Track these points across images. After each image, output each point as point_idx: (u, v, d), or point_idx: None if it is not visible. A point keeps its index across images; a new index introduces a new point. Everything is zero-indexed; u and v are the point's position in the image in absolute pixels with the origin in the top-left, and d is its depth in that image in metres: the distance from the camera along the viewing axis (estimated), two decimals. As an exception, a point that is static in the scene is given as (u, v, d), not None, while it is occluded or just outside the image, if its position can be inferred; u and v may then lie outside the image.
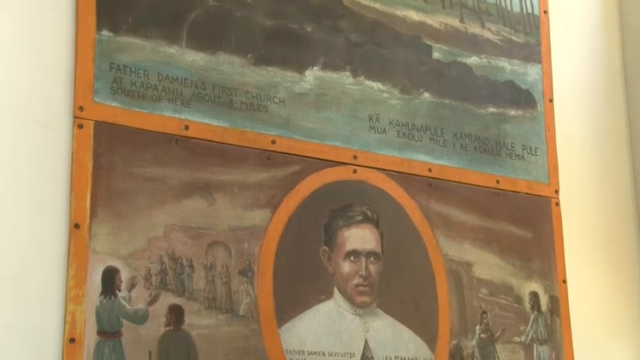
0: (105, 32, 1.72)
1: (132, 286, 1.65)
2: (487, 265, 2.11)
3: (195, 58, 1.81)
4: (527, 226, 2.19)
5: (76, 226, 1.62)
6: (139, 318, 1.65)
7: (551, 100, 2.31)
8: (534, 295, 2.17)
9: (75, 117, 1.66)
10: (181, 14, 1.81)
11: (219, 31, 1.85)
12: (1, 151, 1.60)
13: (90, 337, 1.59)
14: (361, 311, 1.91)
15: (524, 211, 2.20)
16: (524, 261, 2.17)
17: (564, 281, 2.22)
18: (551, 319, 2.18)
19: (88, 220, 1.63)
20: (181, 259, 1.72)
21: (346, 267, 1.91)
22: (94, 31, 1.70)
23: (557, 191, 2.27)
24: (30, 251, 1.59)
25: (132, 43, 1.74)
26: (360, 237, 1.94)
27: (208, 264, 1.75)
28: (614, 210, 2.42)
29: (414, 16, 2.14)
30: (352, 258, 1.92)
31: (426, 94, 2.12)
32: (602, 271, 2.35)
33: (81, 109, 1.67)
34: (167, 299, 1.68)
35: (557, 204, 2.26)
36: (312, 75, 1.96)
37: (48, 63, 1.66)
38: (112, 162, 1.68)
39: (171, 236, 1.72)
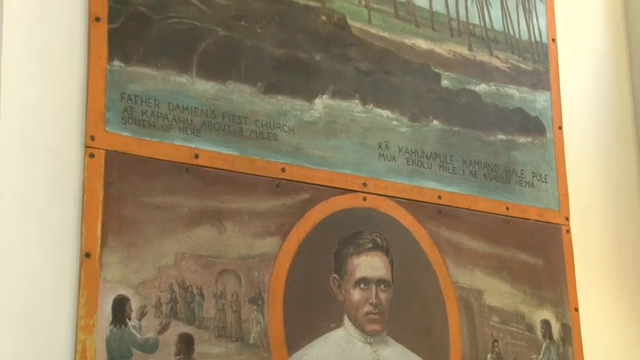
0: (116, 62, 1.73)
1: (142, 314, 1.65)
2: (498, 293, 2.10)
3: (205, 87, 1.83)
4: (538, 253, 2.18)
5: (87, 255, 1.63)
6: (149, 347, 1.65)
7: (560, 127, 2.32)
8: (546, 323, 2.15)
9: (86, 146, 1.68)
10: (192, 44, 1.83)
11: (229, 61, 1.87)
12: (13, 180, 1.61)
13: (100, 367, 1.59)
14: (372, 339, 1.91)
15: (535, 238, 2.19)
16: (536, 288, 2.16)
17: (576, 309, 2.21)
18: (563, 348, 2.16)
19: (98, 248, 1.64)
20: (191, 288, 1.72)
21: (356, 295, 1.91)
22: (105, 61, 1.72)
23: (567, 218, 2.26)
24: (41, 280, 1.59)
25: (143, 73, 1.76)
26: (370, 264, 1.94)
27: (218, 292, 1.75)
28: (625, 236, 2.41)
29: (422, 44, 2.15)
30: (362, 286, 1.92)
31: (435, 122, 2.12)
32: (614, 299, 2.33)
33: (92, 138, 1.68)
34: (177, 328, 1.68)
35: (568, 231, 2.25)
36: (322, 103, 1.97)
37: (60, 93, 1.68)
38: (123, 191, 1.68)
39: (182, 265, 1.72)
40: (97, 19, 1.73)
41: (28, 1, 1.68)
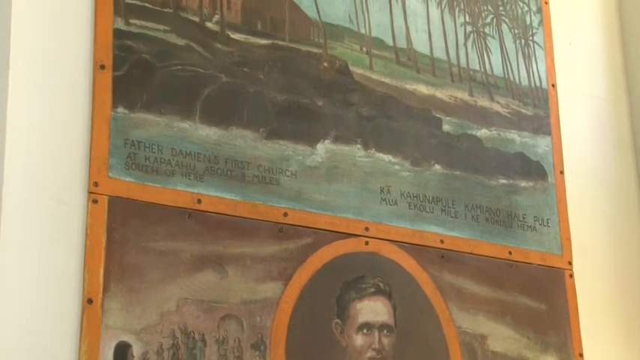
0: (120, 109, 1.75)
1: (144, 361, 1.65)
2: (501, 338, 2.08)
3: (208, 132, 1.84)
4: (541, 298, 2.17)
5: (89, 301, 1.63)
6: (151, 394, 1.64)
7: (561, 172, 2.32)
8: (550, 369, 2.14)
9: (90, 192, 1.69)
10: (195, 90, 1.85)
11: (232, 107, 1.89)
12: (16, 226, 1.61)
13: (101, 414, 1.58)
14: (375, 385, 1.89)
15: (538, 282, 2.18)
16: (539, 334, 2.14)
17: (581, 355, 2.19)
18: (568, 394, 2.14)
19: (101, 295, 1.63)
20: (193, 334, 1.71)
21: (359, 340, 1.90)
22: (109, 108, 1.74)
23: (570, 263, 2.26)
24: (42, 326, 1.59)
25: (146, 119, 1.78)
26: (372, 309, 1.93)
27: (220, 338, 1.74)
28: (628, 280, 2.40)
29: (423, 89, 2.17)
30: (365, 331, 1.91)
31: (437, 166, 2.13)
32: (618, 344, 2.32)
33: (96, 184, 1.69)
34: (179, 374, 1.68)
35: (571, 275, 2.24)
36: (324, 148, 1.99)
37: (64, 140, 1.69)
38: (126, 236, 1.69)
39: (184, 310, 1.71)
40: (102, 67, 1.75)
41: (35, 49, 1.70)
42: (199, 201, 1.79)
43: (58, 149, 1.68)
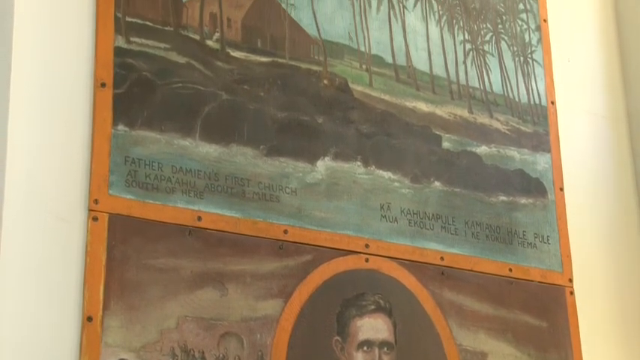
0: (121, 127, 1.76)
1: (143, 379, 1.64)
2: (502, 356, 2.08)
3: (208, 150, 1.85)
4: (542, 315, 2.17)
5: (89, 318, 1.62)
6: (150, 412, 1.63)
7: (561, 189, 2.33)
8: (551, 386, 2.13)
9: (90, 210, 1.69)
10: (195, 108, 1.85)
11: (232, 124, 1.89)
12: (16, 243, 1.61)
13: None
14: (375, 403, 1.89)
15: (539, 299, 2.18)
16: (540, 351, 2.13)
17: (581, 371, 2.18)
18: (569, 411, 2.13)
19: (100, 312, 1.63)
20: (193, 351, 1.71)
21: (359, 357, 1.89)
22: (110, 126, 1.74)
23: (571, 280, 2.25)
24: (42, 344, 1.58)
25: (147, 137, 1.78)
26: (372, 327, 1.93)
27: (220, 355, 1.73)
28: (629, 297, 2.39)
29: (423, 107, 2.18)
30: (365, 348, 1.90)
31: (437, 183, 2.13)
32: (619, 361, 2.31)
33: (96, 202, 1.70)
34: (178, 392, 1.67)
35: (572, 293, 2.24)
36: (324, 165, 1.99)
37: (65, 157, 1.70)
38: (126, 254, 1.69)
39: (184, 327, 1.71)
40: (103, 85, 1.76)
41: (36, 67, 1.71)
42: (199, 218, 1.79)
43: (58, 166, 1.68)
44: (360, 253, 1.97)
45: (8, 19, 1.70)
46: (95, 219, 1.68)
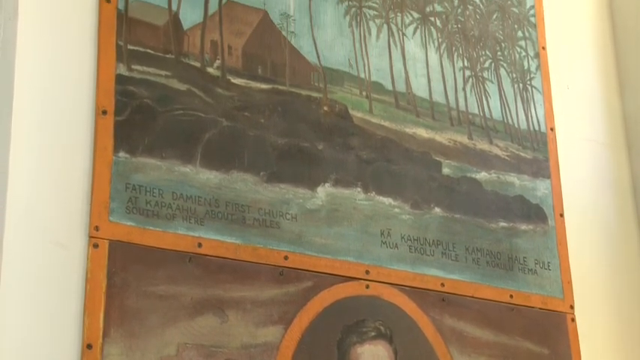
0: (122, 154, 1.76)
1: (143, 407, 1.63)
2: (503, 383, 2.07)
3: (209, 176, 1.85)
4: (543, 342, 2.16)
5: (89, 346, 1.62)
6: None
7: (561, 215, 2.33)
8: (553, 414, 2.12)
9: (90, 237, 1.69)
10: (196, 135, 1.86)
11: (233, 150, 1.90)
12: (16, 269, 1.61)
13: None
14: None
15: (540, 326, 2.17)
16: (542, 378, 2.13)
17: (583, 399, 2.17)
18: None
19: (100, 340, 1.63)
20: (193, 379, 1.70)
21: (360, 385, 1.89)
22: (111, 153, 1.75)
23: (572, 306, 2.25)
24: (41, 372, 1.58)
25: (147, 164, 1.79)
26: (373, 353, 1.92)
27: (220, 383, 1.73)
28: (630, 324, 2.38)
29: (423, 133, 2.19)
30: (366, 375, 1.90)
31: (437, 209, 2.13)
32: (622, 388, 2.30)
33: (96, 228, 1.70)
34: (178, 420, 1.66)
35: (573, 319, 2.23)
36: (324, 191, 1.99)
37: (65, 184, 1.70)
38: (126, 281, 1.69)
39: (184, 355, 1.70)
40: (104, 112, 1.76)
41: (37, 94, 1.72)
42: (200, 245, 1.79)
43: (59, 193, 1.69)
44: (361, 279, 1.97)
45: (11, 46, 1.71)
46: (95, 246, 1.68)
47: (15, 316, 1.59)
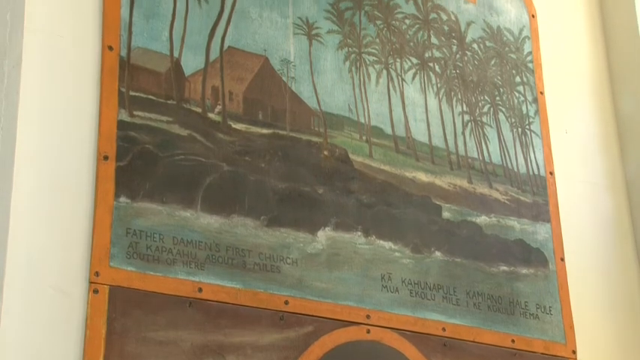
0: (123, 199, 1.77)
1: None
2: None
3: (209, 221, 1.85)
4: (546, 387, 2.14)
5: (88, 392, 1.61)
6: None
7: (562, 259, 2.32)
8: None
9: (90, 282, 1.69)
10: (197, 179, 1.87)
11: (233, 195, 1.90)
12: (16, 314, 1.60)
13: None
14: None
15: (542, 371, 2.16)
16: None
17: None
18: None
19: (99, 386, 1.62)
20: None
21: None
22: (112, 198, 1.76)
23: (574, 351, 2.23)
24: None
25: (148, 209, 1.79)
26: (374, 399, 1.91)
27: None
28: (633, 368, 2.37)
29: (422, 177, 2.20)
30: (367, 422, 1.88)
31: (438, 253, 2.13)
32: None
33: (97, 274, 1.69)
34: None
35: (576, 365, 2.22)
36: (325, 235, 1.99)
37: (66, 230, 1.70)
38: (126, 326, 1.68)
39: (184, 401, 1.69)
40: (106, 158, 1.77)
41: (40, 139, 1.73)
42: (200, 289, 1.79)
43: (59, 238, 1.69)
44: (362, 324, 1.96)
45: (14, 93, 1.73)
46: (96, 291, 1.68)
47: (14, 362, 1.58)
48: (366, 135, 2.15)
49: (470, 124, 2.32)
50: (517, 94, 2.44)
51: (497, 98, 2.40)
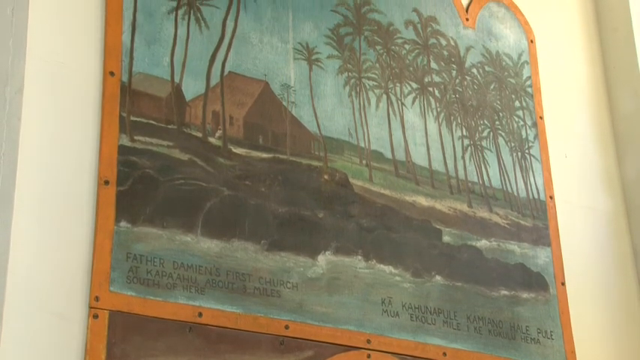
0: (123, 223, 1.77)
1: None
2: None
3: (210, 245, 1.85)
4: (548, 412, 2.13)
5: (87, 419, 1.60)
6: None
7: (563, 284, 2.32)
8: None
9: (90, 307, 1.68)
10: (197, 204, 1.87)
11: (234, 219, 1.90)
12: (16, 340, 1.60)
13: None
14: None
15: (544, 397, 2.14)
16: None
17: None
18: None
19: (98, 412, 1.61)
20: None
21: None
22: (112, 222, 1.76)
23: (575, 377, 2.22)
24: None
25: (148, 233, 1.79)
26: None
27: None
28: (635, 393, 2.35)
29: (423, 201, 2.20)
30: None
31: (438, 277, 2.13)
32: None
33: (97, 299, 1.69)
34: None
35: (577, 390, 2.21)
36: (325, 260, 1.99)
37: (67, 255, 1.70)
38: (125, 352, 1.67)
39: None
40: (106, 183, 1.78)
41: (41, 165, 1.73)
42: (200, 314, 1.78)
43: (59, 263, 1.69)
44: (362, 348, 1.96)
45: (16, 119, 1.74)
46: (95, 316, 1.68)
47: (13, 387, 1.58)
48: (366, 159, 2.16)
49: (470, 148, 2.33)
50: (516, 119, 2.45)
51: (497, 122, 2.41)
